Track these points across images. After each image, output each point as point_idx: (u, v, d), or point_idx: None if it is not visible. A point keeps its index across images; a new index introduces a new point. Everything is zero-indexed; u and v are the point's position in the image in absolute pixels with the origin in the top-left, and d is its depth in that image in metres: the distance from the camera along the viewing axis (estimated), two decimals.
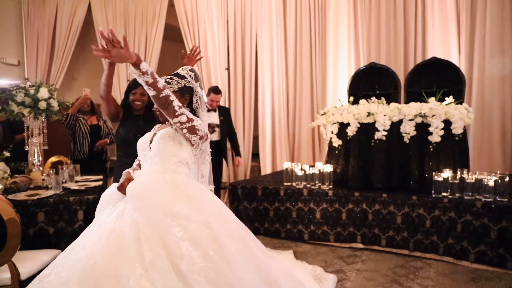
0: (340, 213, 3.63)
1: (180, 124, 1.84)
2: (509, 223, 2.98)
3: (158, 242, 1.61)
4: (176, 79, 1.96)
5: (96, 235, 1.72)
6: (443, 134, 3.44)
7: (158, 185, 1.80)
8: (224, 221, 1.79)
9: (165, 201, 1.74)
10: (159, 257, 1.57)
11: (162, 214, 1.69)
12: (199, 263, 1.57)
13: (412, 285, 2.80)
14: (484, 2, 4.87)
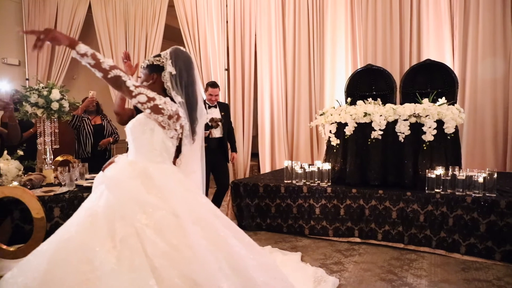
0: (338, 209, 3.86)
1: (141, 105, 1.81)
2: (497, 217, 3.22)
3: (129, 223, 1.67)
4: (151, 57, 1.99)
5: (77, 213, 1.82)
6: (436, 134, 3.67)
7: (127, 177, 1.81)
8: (194, 210, 1.80)
9: (133, 190, 1.76)
10: (130, 236, 1.62)
11: (130, 201, 1.73)
12: (161, 249, 1.62)
13: (406, 275, 3.03)
14: (477, 6, 5.11)
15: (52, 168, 3.56)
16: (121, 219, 1.68)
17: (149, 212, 1.70)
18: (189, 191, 1.90)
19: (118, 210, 1.71)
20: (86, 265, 1.56)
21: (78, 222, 1.73)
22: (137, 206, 1.71)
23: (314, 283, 2.75)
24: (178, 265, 1.60)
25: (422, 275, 3.02)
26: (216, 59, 6.99)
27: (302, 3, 6.32)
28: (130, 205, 1.72)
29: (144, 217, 1.68)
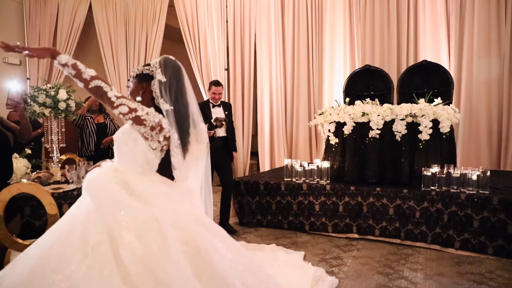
0: (337, 206, 3.99)
1: (123, 116, 1.78)
2: (490, 213, 3.36)
3: (103, 228, 1.66)
4: (139, 66, 1.97)
5: (62, 218, 1.84)
6: (431, 133, 3.82)
7: (108, 180, 1.82)
8: (174, 216, 1.78)
9: (114, 192, 1.77)
10: (101, 243, 1.61)
11: (110, 202, 1.73)
12: (140, 254, 1.61)
13: (402, 269, 3.16)
14: (472, 8, 5.26)
15: (59, 166, 3.68)
16: (95, 225, 1.67)
17: (131, 214, 1.69)
18: (170, 199, 1.86)
19: (95, 214, 1.71)
20: (60, 275, 1.57)
21: (59, 232, 1.74)
22: (118, 207, 1.71)
23: (312, 282, 2.81)
24: (155, 272, 1.60)
25: (418, 269, 3.16)
26: (216, 58, 7.10)
27: (301, 4, 6.44)
28: (110, 207, 1.72)
29: (125, 219, 1.67)
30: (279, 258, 3.21)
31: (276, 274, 2.80)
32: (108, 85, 1.79)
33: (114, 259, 1.58)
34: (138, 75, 1.94)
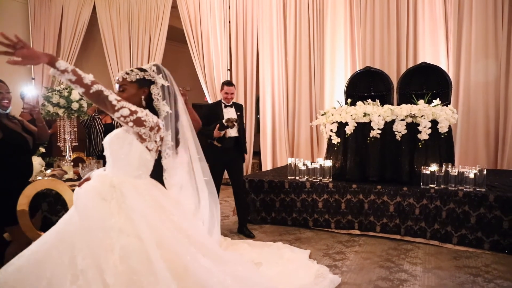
0: (339, 203, 4.16)
1: (124, 118, 1.82)
2: (486, 209, 3.53)
3: (89, 253, 1.70)
4: (136, 71, 1.99)
5: (53, 230, 1.87)
6: (430, 133, 3.98)
7: (102, 193, 1.84)
8: (160, 233, 1.81)
9: (103, 212, 1.79)
10: (88, 268, 1.66)
11: (97, 227, 1.76)
12: (124, 277, 1.66)
13: (403, 263, 3.33)
14: (470, 12, 5.44)
15: (72, 164, 3.83)
16: (81, 250, 1.71)
17: (115, 236, 1.73)
18: (161, 210, 1.90)
19: (81, 237, 1.75)
20: None
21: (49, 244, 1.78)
22: (103, 231, 1.74)
23: (314, 279, 2.86)
24: None
25: (417, 263, 3.32)
26: (219, 59, 7.25)
27: (303, 6, 6.61)
28: (96, 230, 1.75)
29: (109, 243, 1.71)
30: (284, 256, 3.29)
31: (280, 271, 2.94)
32: (107, 89, 1.82)
33: (101, 283, 1.64)
34: (138, 80, 1.98)
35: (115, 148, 1.92)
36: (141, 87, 1.99)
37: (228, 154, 4.16)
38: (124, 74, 1.98)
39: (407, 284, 2.89)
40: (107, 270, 1.66)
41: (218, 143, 4.10)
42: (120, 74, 2.00)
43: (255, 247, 3.56)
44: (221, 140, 4.09)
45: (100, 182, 1.89)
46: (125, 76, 1.97)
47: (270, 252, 3.40)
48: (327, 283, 2.79)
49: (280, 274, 2.92)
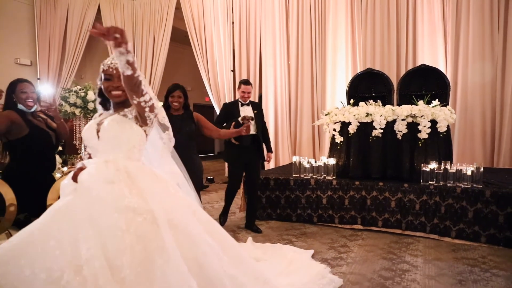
0: (343, 199, 4.36)
1: (145, 103, 1.86)
2: (483, 205, 3.74)
3: (97, 241, 1.66)
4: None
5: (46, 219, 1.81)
6: (430, 132, 4.19)
7: (108, 176, 1.82)
8: (171, 210, 1.84)
9: (114, 194, 1.78)
10: (96, 258, 1.62)
11: (110, 209, 1.74)
12: (139, 258, 1.65)
13: (404, 255, 3.53)
14: (467, 15, 5.66)
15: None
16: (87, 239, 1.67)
17: (130, 218, 1.72)
18: (168, 188, 1.95)
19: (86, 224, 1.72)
20: (52, 284, 1.60)
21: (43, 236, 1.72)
22: (117, 214, 1.73)
23: (314, 277, 2.86)
24: (152, 272, 1.65)
25: (418, 255, 3.53)
26: (222, 60, 7.46)
27: (305, 9, 6.82)
28: (109, 215, 1.73)
29: (124, 223, 1.70)
30: (287, 255, 3.28)
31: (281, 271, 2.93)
32: None
33: (110, 267, 1.61)
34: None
35: (116, 133, 1.92)
36: None
37: (247, 153, 4.23)
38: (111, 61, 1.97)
39: (409, 273, 3.10)
40: (122, 251, 1.64)
41: (236, 140, 4.15)
42: (114, 63, 1.95)
43: (258, 246, 3.59)
44: (238, 138, 4.07)
45: (102, 167, 1.87)
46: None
47: (272, 253, 3.37)
48: (326, 283, 2.80)
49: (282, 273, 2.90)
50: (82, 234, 1.69)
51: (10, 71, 7.39)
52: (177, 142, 3.28)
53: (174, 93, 3.38)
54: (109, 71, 1.96)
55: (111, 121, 1.93)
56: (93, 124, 2.00)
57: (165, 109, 3.38)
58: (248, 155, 4.25)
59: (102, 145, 1.94)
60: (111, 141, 1.93)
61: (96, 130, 1.96)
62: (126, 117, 1.94)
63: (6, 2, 7.37)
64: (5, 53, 7.37)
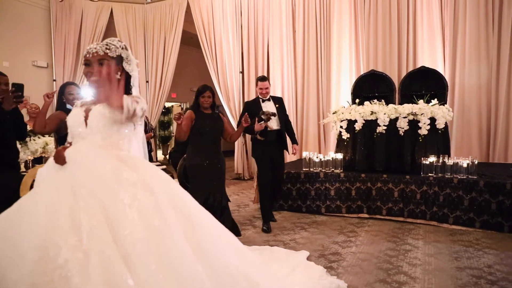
0: (350, 191, 4.83)
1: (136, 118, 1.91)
2: (477, 194, 4.21)
3: (99, 211, 1.59)
4: (115, 46, 1.95)
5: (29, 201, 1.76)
6: (429, 128, 4.66)
7: (101, 154, 1.80)
8: (169, 192, 1.82)
9: (112, 167, 1.73)
10: (99, 227, 1.54)
11: (109, 180, 1.68)
12: (142, 232, 1.57)
13: (407, 239, 3.99)
14: (464, 20, 6.13)
15: None
16: (87, 208, 1.60)
17: (132, 191, 1.67)
18: (164, 175, 1.93)
19: (85, 195, 1.64)
20: (48, 263, 1.48)
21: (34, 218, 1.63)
22: (117, 185, 1.66)
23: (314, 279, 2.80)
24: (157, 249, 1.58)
25: (419, 238, 3.99)
26: (232, 62, 7.91)
27: (311, 13, 7.28)
28: (108, 185, 1.67)
29: (126, 196, 1.64)
30: (281, 257, 3.19)
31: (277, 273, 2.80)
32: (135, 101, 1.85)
33: (114, 241, 1.52)
34: (118, 56, 1.96)
35: (106, 123, 1.88)
36: (119, 64, 1.97)
37: (273, 148, 4.34)
38: (104, 48, 1.92)
39: (411, 252, 3.56)
40: (124, 225, 1.57)
41: (261, 136, 4.25)
42: (98, 47, 1.92)
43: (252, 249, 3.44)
44: (263, 133, 4.24)
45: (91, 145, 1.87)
46: (106, 51, 1.91)
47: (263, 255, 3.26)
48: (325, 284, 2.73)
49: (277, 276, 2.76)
50: (82, 201, 1.61)
51: (28, 73, 7.84)
52: (209, 139, 3.75)
53: (205, 94, 3.80)
54: (87, 57, 1.93)
55: (103, 110, 1.88)
56: (80, 111, 1.95)
57: (195, 107, 3.82)
58: (273, 150, 4.38)
59: (90, 133, 1.89)
60: (102, 131, 1.88)
61: (83, 116, 1.92)
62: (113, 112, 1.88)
63: (24, 8, 7.82)
64: (24, 55, 7.81)
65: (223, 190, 3.93)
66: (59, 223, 1.57)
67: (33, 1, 7.96)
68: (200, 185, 3.76)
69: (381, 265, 3.25)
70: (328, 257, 3.46)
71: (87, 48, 1.94)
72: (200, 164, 3.76)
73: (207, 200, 3.72)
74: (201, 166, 3.76)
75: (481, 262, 3.29)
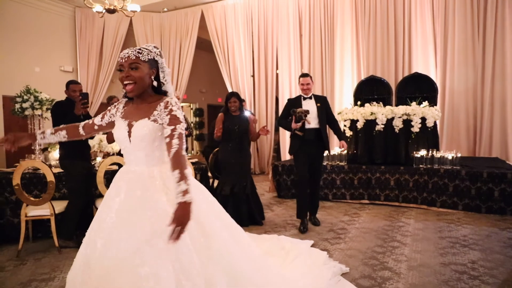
0: (353, 180, 5.76)
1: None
2: (459, 181, 5.13)
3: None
4: (147, 50, 1.98)
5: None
6: (420, 127, 5.59)
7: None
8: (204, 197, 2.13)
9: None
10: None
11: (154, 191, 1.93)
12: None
13: (401, 218, 4.91)
14: (453, 30, 7.06)
15: None
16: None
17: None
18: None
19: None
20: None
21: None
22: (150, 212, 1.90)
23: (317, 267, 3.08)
24: (203, 222, 1.98)
25: (411, 218, 4.92)
26: (243, 66, 8.82)
27: (316, 23, 8.19)
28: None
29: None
30: (285, 247, 3.49)
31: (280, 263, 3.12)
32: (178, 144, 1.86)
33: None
34: (150, 60, 1.98)
35: (147, 143, 1.96)
36: (152, 68, 1.99)
37: (310, 146, 4.38)
38: (136, 52, 1.94)
39: (404, 227, 4.49)
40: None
41: (300, 131, 4.32)
42: (130, 52, 1.95)
43: (255, 238, 3.81)
44: (301, 129, 4.32)
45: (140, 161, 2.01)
46: (138, 55, 1.94)
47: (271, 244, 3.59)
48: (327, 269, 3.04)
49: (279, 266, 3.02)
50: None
51: (56, 77, 8.73)
52: (236, 137, 4.64)
53: (231, 99, 4.72)
54: (120, 62, 1.97)
55: (142, 128, 1.95)
56: (123, 124, 2.02)
57: (225, 110, 4.73)
58: (311, 149, 4.40)
59: (134, 150, 1.99)
60: (144, 148, 1.97)
61: (127, 132, 1.99)
62: (156, 122, 1.94)
63: (52, 17, 8.71)
64: (52, 61, 8.71)
65: (248, 180, 4.79)
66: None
67: (59, 11, 8.86)
68: (228, 176, 4.67)
69: (379, 236, 4.18)
70: (336, 231, 4.39)
71: (120, 54, 1.98)
72: (228, 158, 4.67)
73: (234, 188, 4.63)
74: (229, 160, 4.66)
75: (459, 234, 4.22)
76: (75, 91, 4.05)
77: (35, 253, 3.80)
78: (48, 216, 3.78)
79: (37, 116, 4.63)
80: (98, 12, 6.24)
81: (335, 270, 3.06)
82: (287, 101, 4.72)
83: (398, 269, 3.22)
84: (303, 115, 4.22)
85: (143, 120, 1.94)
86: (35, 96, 4.52)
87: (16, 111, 4.49)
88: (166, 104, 1.94)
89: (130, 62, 1.92)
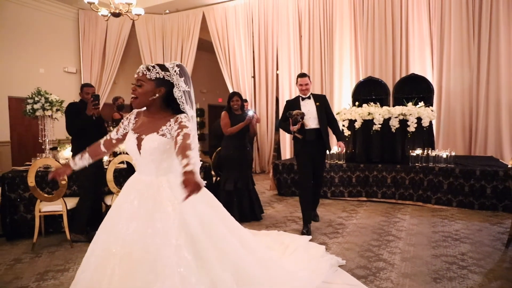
0: (351, 178, 5.99)
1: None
2: (454, 179, 5.37)
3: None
4: (157, 69, 2.04)
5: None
6: (416, 126, 5.82)
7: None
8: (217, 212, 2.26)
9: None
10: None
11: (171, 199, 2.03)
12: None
13: (397, 214, 5.14)
14: (449, 33, 7.29)
15: None
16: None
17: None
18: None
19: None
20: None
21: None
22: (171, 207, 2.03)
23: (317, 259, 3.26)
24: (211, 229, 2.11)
25: (406, 214, 5.16)
26: (244, 67, 9.05)
27: (315, 24, 8.43)
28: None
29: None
30: (284, 241, 3.66)
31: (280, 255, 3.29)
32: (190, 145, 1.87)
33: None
34: (157, 79, 2.04)
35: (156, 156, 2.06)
36: (159, 86, 2.05)
37: (311, 147, 4.36)
38: (145, 69, 2.04)
39: (400, 223, 4.72)
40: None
41: (299, 134, 4.31)
42: (141, 68, 2.06)
43: (255, 233, 3.94)
44: (301, 131, 4.31)
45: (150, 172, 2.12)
46: (145, 72, 2.03)
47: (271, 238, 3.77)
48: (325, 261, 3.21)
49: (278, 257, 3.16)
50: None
51: (60, 78, 8.97)
52: (238, 135, 4.87)
53: (233, 98, 4.96)
54: (135, 77, 2.08)
55: (151, 142, 2.04)
56: (133, 137, 2.12)
57: (228, 109, 4.96)
58: (313, 149, 4.39)
59: (144, 162, 2.12)
60: (153, 161, 2.08)
61: (136, 145, 2.10)
62: (165, 136, 2.04)
63: (56, 20, 8.94)
64: (56, 62, 8.94)
65: (249, 176, 5.05)
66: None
67: (63, 13, 9.09)
68: (231, 172, 4.91)
69: (376, 230, 4.42)
70: (334, 226, 4.63)
71: (138, 70, 2.08)
72: (230, 155, 4.90)
73: (236, 183, 4.87)
74: (231, 157, 4.90)
75: (452, 228, 4.45)
76: (88, 93, 4.29)
77: (48, 247, 4.03)
78: (61, 212, 4.02)
79: (48, 116, 4.85)
80: (103, 15, 6.47)
81: (332, 262, 3.25)
82: (286, 103, 4.71)
83: (392, 260, 3.46)
84: (299, 117, 4.17)
85: (152, 135, 2.05)
86: (46, 97, 4.74)
87: (27, 112, 4.71)
88: (177, 119, 2.04)
89: (138, 78, 2.05)
